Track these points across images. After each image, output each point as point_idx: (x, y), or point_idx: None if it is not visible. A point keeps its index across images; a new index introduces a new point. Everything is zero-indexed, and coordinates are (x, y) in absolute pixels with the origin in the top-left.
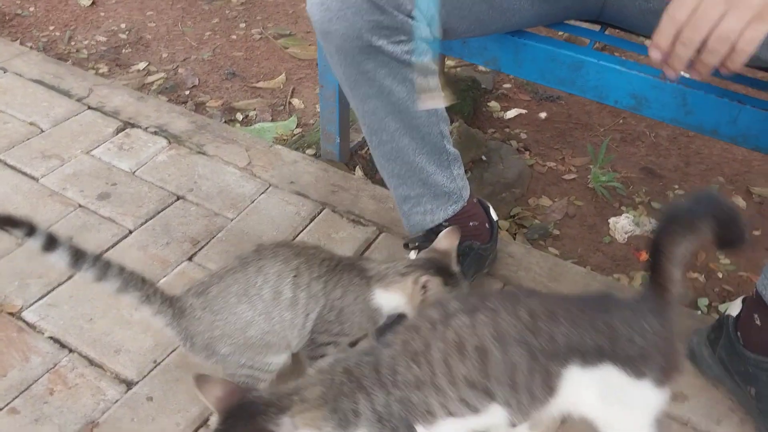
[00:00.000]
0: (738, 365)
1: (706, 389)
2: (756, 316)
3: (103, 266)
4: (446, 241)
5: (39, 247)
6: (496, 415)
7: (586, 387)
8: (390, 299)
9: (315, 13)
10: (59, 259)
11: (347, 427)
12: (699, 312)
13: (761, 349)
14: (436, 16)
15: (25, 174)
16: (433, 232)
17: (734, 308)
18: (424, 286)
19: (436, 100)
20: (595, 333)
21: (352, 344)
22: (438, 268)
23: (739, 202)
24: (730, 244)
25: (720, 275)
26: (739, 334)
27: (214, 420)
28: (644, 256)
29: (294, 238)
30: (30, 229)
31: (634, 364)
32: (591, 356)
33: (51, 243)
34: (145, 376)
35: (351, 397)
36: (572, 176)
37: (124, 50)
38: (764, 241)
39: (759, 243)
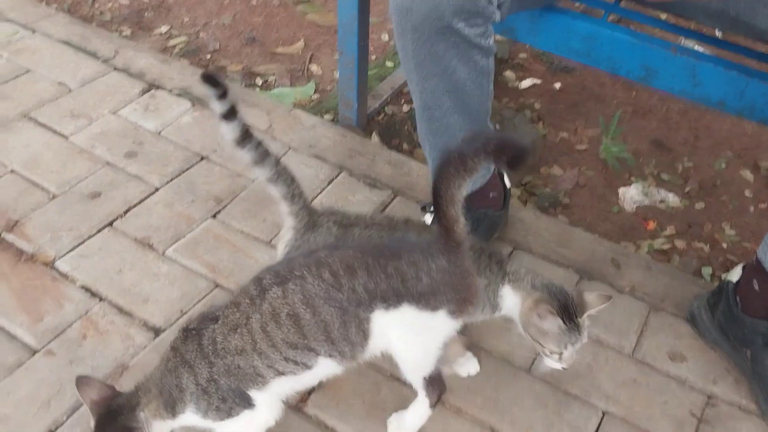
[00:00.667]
0: (735, 329)
1: (704, 351)
2: (755, 281)
3: (263, 152)
4: (594, 299)
5: (219, 114)
6: (327, 365)
7: (391, 326)
8: (509, 301)
9: None
10: (228, 131)
11: (174, 405)
12: (702, 280)
13: (758, 313)
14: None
15: (55, 132)
16: None
17: (734, 274)
18: (539, 314)
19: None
20: (387, 278)
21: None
22: (565, 308)
23: (747, 175)
24: (516, 162)
25: (724, 245)
26: (738, 299)
27: None
28: (652, 225)
29: (312, 200)
30: (223, 94)
31: (426, 299)
32: (390, 299)
33: (231, 113)
34: (172, 324)
35: (174, 372)
36: (584, 147)
37: (146, 13)
38: None
39: (765, 215)
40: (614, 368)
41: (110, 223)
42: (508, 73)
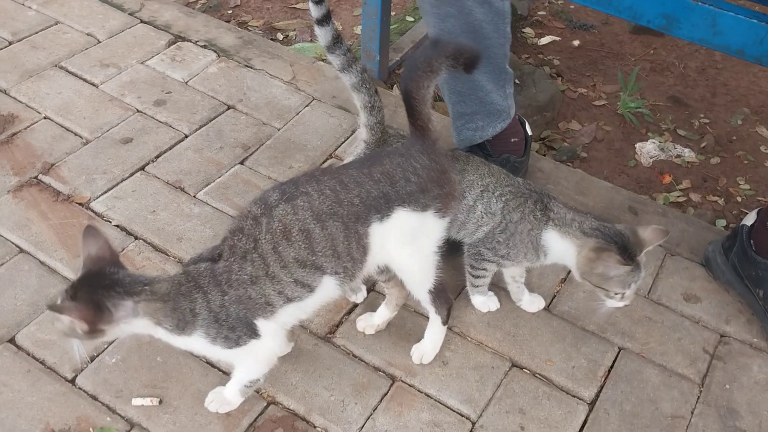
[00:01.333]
0: (749, 269)
1: (717, 292)
2: None
3: (351, 58)
4: (651, 235)
5: (315, 18)
6: (329, 287)
7: (388, 237)
8: (560, 248)
9: None
10: (321, 35)
11: (185, 327)
12: (718, 229)
13: None
14: None
15: (85, 80)
16: (478, 147)
17: (749, 219)
18: (605, 263)
19: None
20: (376, 183)
21: None
22: (624, 249)
23: (763, 131)
24: (470, 64)
25: (739, 199)
26: (752, 241)
27: None
28: (667, 179)
29: (336, 149)
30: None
31: (416, 198)
32: (383, 207)
33: (325, 19)
34: None
35: (189, 296)
36: (602, 102)
37: None
38: None
39: None
40: (630, 308)
41: (142, 168)
42: (527, 30)
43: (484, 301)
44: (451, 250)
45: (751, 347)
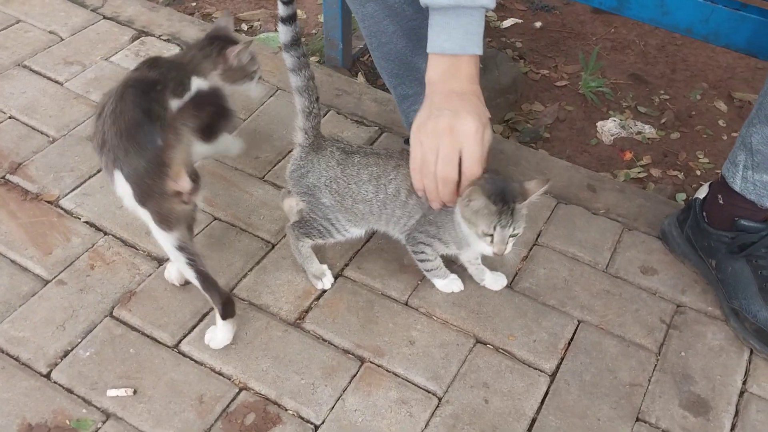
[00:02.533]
0: (702, 240)
1: (674, 264)
2: (719, 196)
3: (303, 62)
4: (533, 186)
5: (280, 16)
6: None
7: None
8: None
9: None
10: (283, 33)
11: None
12: (675, 202)
13: (722, 225)
14: None
15: (50, 79)
16: None
17: (702, 191)
18: (470, 196)
19: None
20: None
21: None
22: (501, 192)
23: (721, 106)
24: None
25: (698, 173)
26: (704, 213)
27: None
28: (628, 155)
29: None
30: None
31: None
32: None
33: (290, 18)
34: None
35: None
36: (564, 83)
37: None
38: None
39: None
40: (589, 281)
41: None
42: (490, 14)
43: (446, 284)
44: None
45: (706, 315)
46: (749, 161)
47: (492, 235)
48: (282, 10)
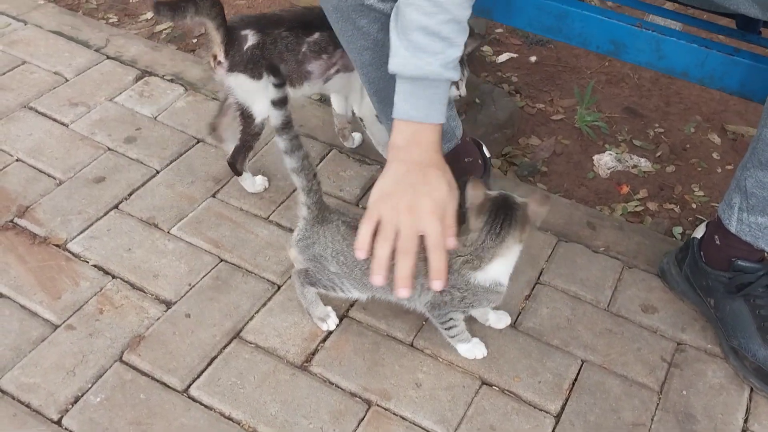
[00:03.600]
0: (700, 280)
1: (673, 302)
2: (716, 236)
3: (296, 144)
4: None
5: (271, 100)
6: None
7: None
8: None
9: None
10: (275, 117)
11: None
12: (672, 238)
13: (719, 265)
14: None
15: (55, 120)
16: None
17: (699, 231)
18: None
19: None
20: None
21: None
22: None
23: (715, 139)
24: None
25: (694, 206)
26: (702, 253)
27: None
28: (625, 189)
29: None
30: (281, 83)
31: None
32: None
33: (281, 102)
34: (182, 297)
35: None
36: (560, 117)
37: (131, 0)
38: None
39: (731, 176)
40: (591, 320)
41: (116, 206)
42: (486, 48)
43: (469, 349)
44: None
45: (706, 353)
46: (744, 204)
47: None
48: (273, 93)
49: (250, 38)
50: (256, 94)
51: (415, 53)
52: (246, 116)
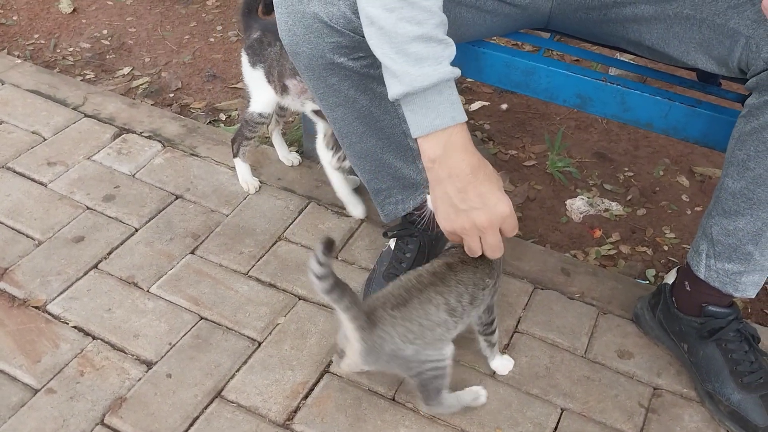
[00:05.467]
0: (673, 325)
1: (648, 347)
2: (686, 282)
3: (340, 290)
4: None
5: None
6: None
7: None
8: None
9: (284, 37)
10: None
11: None
12: (647, 282)
13: (691, 311)
14: None
15: (33, 180)
16: (407, 220)
17: (670, 277)
18: None
19: None
20: None
21: None
22: None
23: (683, 181)
24: None
25: (665, 248)
26: (673, 298)
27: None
28: (598, 233)
29: (285, 230)
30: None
31: None
32: None
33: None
34: (162, 357)
35: None
36: (532, 163)
37: (107, 56)
38: None
39: (701, 217)
40: (569, 368)
41: (95, 265)
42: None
43: (504, 364)
44: None
45: (682, 397)
46: (711, 251)
47: None
48: (316, 267)
49: (255, 32)
50: (251, 81)
51: (421, 64)
52: (247, 99)
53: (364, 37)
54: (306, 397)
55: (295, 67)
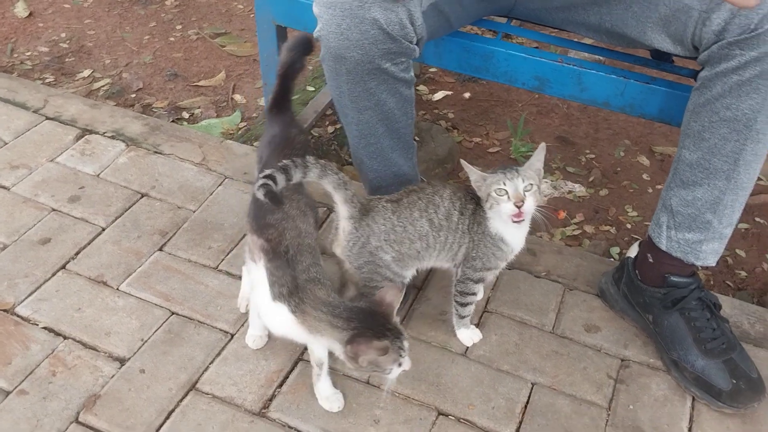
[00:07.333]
0: (637, 297)
1: (614, 320)
2: (649, 255)
3: (302, 168)
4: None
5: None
6: None
7: None
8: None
9: (332, 40)
10: (279, 182)
11: None
12: (612, 259)
13: (654, 282)
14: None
15: None
16: None
17: (633, 251)
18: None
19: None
20: None
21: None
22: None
23: (644, 160)
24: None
25: (629, 226)
26: (636, 271)
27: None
28: (562, 214)
29: None
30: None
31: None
32: None
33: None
34: (135, 353)
35: None
36: (496, 149)
37: (67, 59)
38: None
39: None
40: (538, 344)
41: (63, 266)
42: (421, 87)
43: (470, 336)
44: None
45: (649, 367)
46: (671, 222)
47: (507, 191)
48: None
49: None
50: None
51: None
52: None
53: (413, 43)
54: (281, 385)
55: None
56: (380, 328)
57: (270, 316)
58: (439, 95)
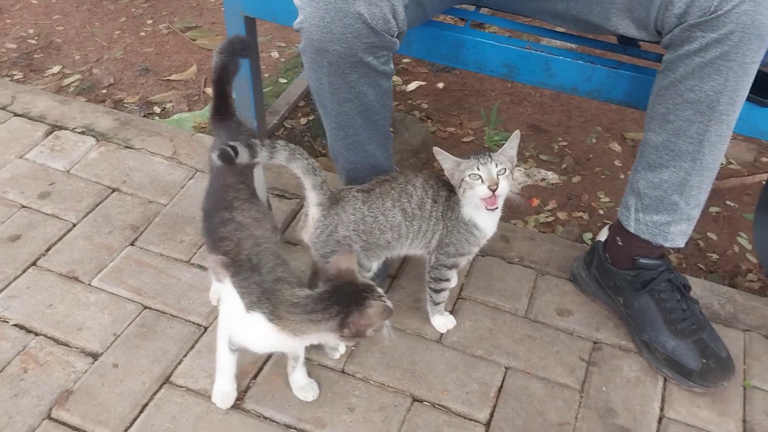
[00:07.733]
0: (608, 280)
1: (586, 304)
2: (618, 238)
3: (270, 148)
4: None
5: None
6: None
7: None
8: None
9: (314, 32)
10: (242, 156)
11: None
12: (584, 244)
13: (624, 265)
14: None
15: None
16: None
17: (603, 234)
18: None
19: None
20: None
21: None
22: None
23: (615, 147)
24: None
25: (601, 212)
26: (607, 255)
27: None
28: (536, 202)
29: None
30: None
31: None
32: None
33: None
34: (108, 347)
35: None
36: (470, 138)
37: (36, 55)
38: None
39: None
40: (511, 329)
41: (34, 263)
42: (395, 78)
43: (444, 322)
44: None
45: (621, 349)
46: (639, 204)
47: (480, 176)
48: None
49: None
50: None
51: None
52: None
53: (395, 37)
54: (255, 376)
55: None
56: (356, 296)
57: (248, 332)
58: (413, 86)
